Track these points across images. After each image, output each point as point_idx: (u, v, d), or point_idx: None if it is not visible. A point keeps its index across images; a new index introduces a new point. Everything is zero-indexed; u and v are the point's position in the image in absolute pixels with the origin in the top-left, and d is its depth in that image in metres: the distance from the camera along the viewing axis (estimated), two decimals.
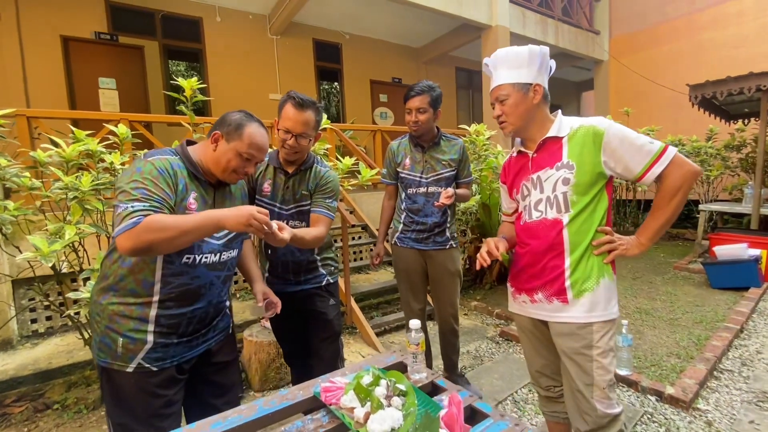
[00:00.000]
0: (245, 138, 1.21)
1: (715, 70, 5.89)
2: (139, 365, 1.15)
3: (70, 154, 2.20)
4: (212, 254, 1.22)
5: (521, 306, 1.44)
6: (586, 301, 1.26)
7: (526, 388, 2.38)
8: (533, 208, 1.35)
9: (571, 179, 1.26)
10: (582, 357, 1.27)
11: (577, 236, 1.27)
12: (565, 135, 1.29)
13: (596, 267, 1.27)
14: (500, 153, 4.14)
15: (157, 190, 1.08)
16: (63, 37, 5.30)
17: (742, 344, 2.86)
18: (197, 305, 1.22)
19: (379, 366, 1.18)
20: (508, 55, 1.32)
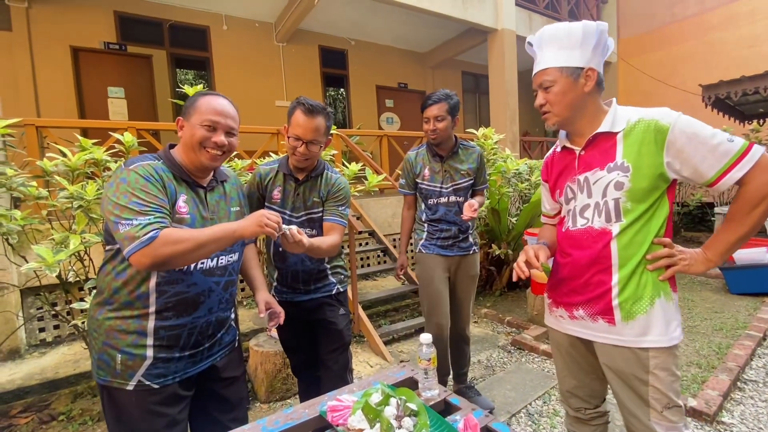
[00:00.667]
0: (200, 107, 1.15)
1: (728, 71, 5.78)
2: (139, 383, 1.09)
3: (75, 163, 2.20)
4: (208, 259, 1.16)
5: (558, 321, 1.28)
6: (638, 324, 1.08)
7: (541, 399, 2.29)
8: (578, 214, 1.17)
9: (625, 184, 1.07)
10: (635, 381, 1.11)
11: (629, 250, 1.09)
12: (620, 130, 1.10)
13: (650, 285, 1.08)
14: (508, 157, 4.08)
15: (151, 198, 1.03)
16: (73, 47, 5.38)
17: (765, 353, 2.75)
18: (197, 314, 1.16)
19: (389, 381, 1.13)
20: (558, 32, 1.12)
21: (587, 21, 1.10)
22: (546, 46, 1.14)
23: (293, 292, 1.70)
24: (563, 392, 1.38)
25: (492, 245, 3.99)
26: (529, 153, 8.12)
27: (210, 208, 1.20)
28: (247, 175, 2.84)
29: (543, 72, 1.14)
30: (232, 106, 1.22)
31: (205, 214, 1.18)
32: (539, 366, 2.69)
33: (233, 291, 1.31)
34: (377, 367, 2.79)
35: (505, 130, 6.86)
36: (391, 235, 5.06)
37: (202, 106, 1.16)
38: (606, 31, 1.12)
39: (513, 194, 4.15)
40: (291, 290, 1.70)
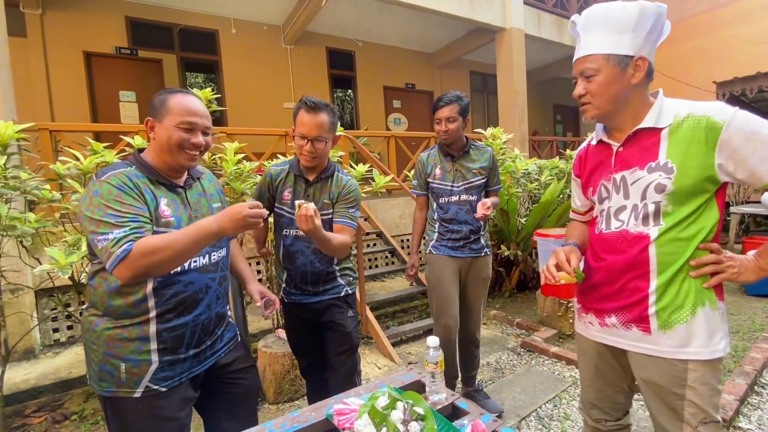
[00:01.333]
0: (173, 107, 1.11)
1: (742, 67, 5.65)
2: (146, 389, 1.08)
3: (87, 166, 2.23)
4: (200, 257, 1.17)
5: (586, 327, 1.21)
6: (677, 334, 1.00)
7: (551, 403, 2.26)
8: (613, 216, 1.08)
9: (667, 186, 0.97)
10: (670, 395, 1.04)
11: (669, 255, 1.00)
12: (665, 126, 0.99)
13: (693, 293, 1.00)
14: (517, 157, 4.04)
15: (126, 208, 1.01)
16: (86, 52, 5.47)
17: None
18: (198, 312, 1.16)
19: (396, 384, 1.12)
20: (609, 13, 0.99)
21: (644, 1, 0.98)
22: (592, 29, 1.02)
23: (302, 294, 1.70)
24: (584, 402, 1.31)
25: (501, 246, 3.96)
26: (538, 152, 8.04)
27: (192, 207, 1.19)
28: (256, 177, 2.86)
29: (586, 58, 1.02)
30: (202, 103, 1.19)
31: (190, 213, 1.17)
32: (549, 369, 2.66)
33: (227, 286, 1.31)
34: (385, 369, 2.78)
35: (513, 130, 6.80)
36: (398, 236, 5.04)
37: (175, 107, 1.12)
38: (665, 14, 0.99)
39: (522, 194, 4.11)
40: (300, 292, 1.70)
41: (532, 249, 3.96)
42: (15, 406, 2.42)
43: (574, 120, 12.10)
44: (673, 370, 1.02)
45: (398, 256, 4.35)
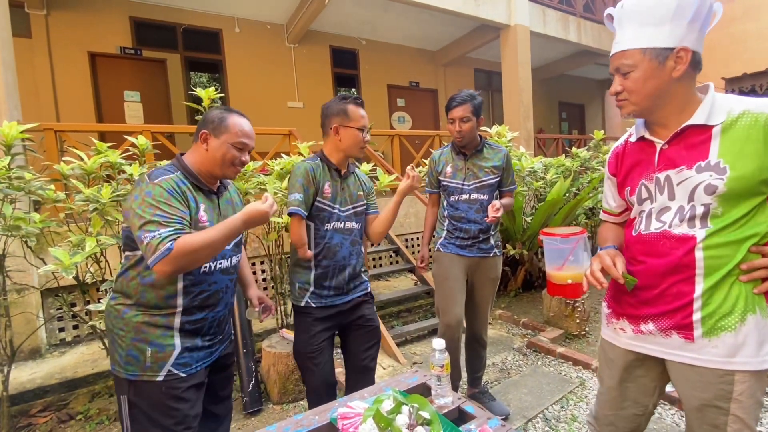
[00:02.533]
0: (232, 128, 1.24)
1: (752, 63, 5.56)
2: (169, 372, 1.18)
3: (91, 166, 2.23)
4: (225, 259, 1.29)
5: (616, 334, 1.14)
6: (724, 342, 0.93)
7: (558, 404, 2.23)
8: (655, 217, 1.02)
9: (719, 188, 0.90)
10: (713, 410, 0.97)
11: (718, 258, 0.93)
12: (717, 124, 0.92)
13: (743, 298, 0.93)
14: (523, 155, 4.00)
15: (173, 210, 1.12)
16: (90, 53, 5.49)
17: None
18: (218, 309, 1.30)
19: (401, 387, 1.10)
20: (643, 3, 0.93)
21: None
22: (627, 22, 0.96)
23: (336, 295, 1.65)
24: (599, 416, 1.23)
25: (507, 245, 3.92)
26: (543, 151, 7.97)
27: (222, 213, 1.30)
28: (259, 176, 2.85)
29: (621, 54, 0.96)
30: (251, 126, 1.34)
31: (219, 219, 1.27)
32: (556, 369, 2.62)
33: (237, 286, 1.48)
34: (390, 369, 2.77)
35: (518, 128, 6.74)
36: (402, 236, 5.02)
37: (234, 128, 1.25)
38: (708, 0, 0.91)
39: (528, 193, 4.06)
40: (334, 293, 1.65)
41: (537, 248, 3.92)
42: (21, 406, 2.43)
43: (580, 118, 12.00)
44: (718, 382, 0.95)
45: (402, 256, 4.32)
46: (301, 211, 1.54)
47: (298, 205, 1.54)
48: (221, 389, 1.44)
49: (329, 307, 1.64)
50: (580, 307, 3.09)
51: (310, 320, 1.63)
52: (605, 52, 8.54)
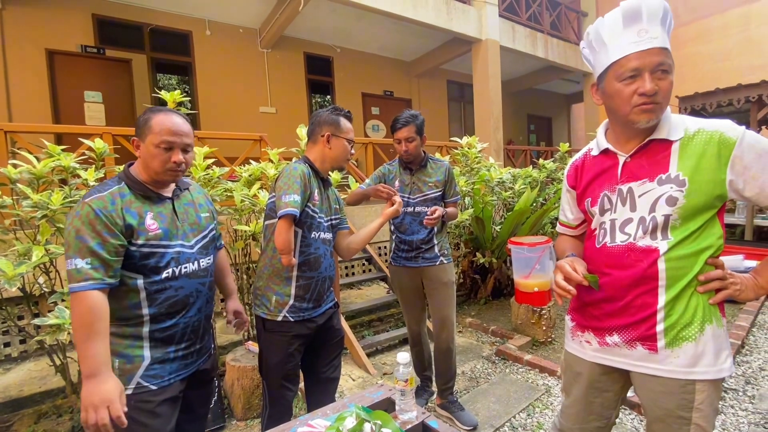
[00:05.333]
0: (154, 127, 1.17)
1: (702, 83, 5.96)
2: (138, 385, 1.14)
3: (41, 170, 2.09)
4: (190, 263, 1.24)
5: (581, 347, 1.15)
6: (686, 353, 0.97)
7: (525, 412, 2.26)
8: (617, 229, 1.04)
9: (679, 199, 0.94)
10: (675, 420, 0.99)
11: (679, 269, 0.96)
12: (677, 139, 0.96)
13: (701, 309, 0.96)
14: (492, 166, 4.09)
15: (95, 240, 1.07)
16: (48, 50, 5.21)
17: (744, 361, 2.78)
18: (189, 314, 1.24)
19: (365, 403, 1.07)
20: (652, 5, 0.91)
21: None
22: (653, 18, 0.92)
23: (314, 308, 1.58)
24: (562, 426, 1.24)
25: (476, 253, 3.98)
26: (513, 161, 8.21)
27: (180, 217, 1.26)
28: (226, 183, 2.76)
29: (662, 52, 0.91)
30: (185, 121, 1.25)
31: (177, 224, 1.25)
32: (523, 377, 2.67)
33: (214, 291, 1.41)
34: (359, 381, 2.73)
35: (489, 139, 6.92)
36: (375, 244, 5.00)
37: (156, 127, 1.18)
38: None
39: (497, 202, 4.16)
40: (313, 305, 1.58)
41: (506, 257, 4.00)
42: None
43: (547, 130, 12.47)
44: (680, 392, 0.98)
45: (375, 264, 4.30)
46: (297, 213, 1.42)
47: (296, 207, 1.41)
48: (199, 406, 1.38)
49: (308, 320, 1.56)
50: (547, 314, 3.17)
51: (288, 337, 1.52)
52: (571, 68, 8.95)
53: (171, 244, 1.20)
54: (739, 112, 5.28)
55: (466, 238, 4.10)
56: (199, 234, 1.30)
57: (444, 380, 2.24)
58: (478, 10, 7.09)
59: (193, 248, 1.26)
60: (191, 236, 1.27)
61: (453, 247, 4.14)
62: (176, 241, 1.22)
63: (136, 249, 1.14)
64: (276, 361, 1.53)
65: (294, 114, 7.03)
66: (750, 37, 7.40)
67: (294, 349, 1.53)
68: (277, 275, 1.54)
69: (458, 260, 4.20)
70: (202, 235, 1.32)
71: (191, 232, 1.28)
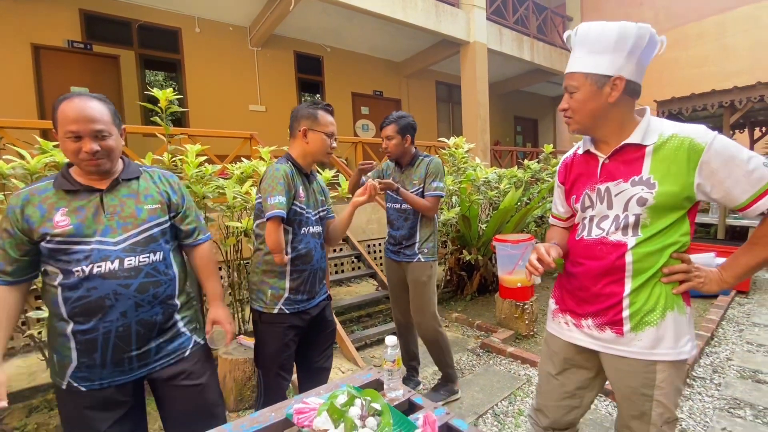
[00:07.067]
0: (59, 117, 1.10)
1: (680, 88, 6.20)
2: (69, 384, 1.14)
3: (34, 166, 2.11)
4: (107, 262, 1.13)
5: (560, 328, 1.25)
6: (648, 336, 1.06)
7: (507, 400, 2.37)
8: (595, 224, 1.14)
9: (649, 200, 1.02)
10: (639, 397, 1.09)
11: (644, 262, 1.06)
12: (650, 144, 1.04)
13: (663, 297, 1.06)
14: (478, 166, 4.21)
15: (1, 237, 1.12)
16: (34, 45, 5.15)
17: (712, 351, 2.95)
18: (108, 318, 1.12)
19: (356, 384, 1.16)
20: (590, 34, 1.04)
21: (627, 23, 1.02)
22: (577, 47, 1.08)
23: (308, 299, 1.65)
24: (539, 405, 1.34)
25: (463, 251, 4.09)
26: (499, 162, 8.37)
27: (108, 210, 1.17)
28: (218, 180, 2.81)
29: (569, 76, 1.09)
30: (98, 104, 1.15)
31: (102, 218, 1.16)
32: (506, 368, 2.78)
33: (160, 292, 1.22)
34: (349, 373, 2.80)
35: (476, 140, 7.06)
36: (364, 242, 5.08)
37: (60, 116, 1.10)
38: (647, 36, 1.02)
39: (483, 201, 4.27)
40: (308, 297, 1.65)
41: (492, 254, 4.13)
42: None
43: (533, 131, 12.71)
44: (644, 372, 1.08)
45: (364, 261, 4.38)
46: (284, 214, 1.48)
47: (282, 208, 1.47)
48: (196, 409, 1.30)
49: (302, 312, 1.63)
50: (529, 309, 3.29)
51: (282, 328, 1.59)
52: (557, 72, 9.16)
53: (84, 240, 1.12)
54: (714, 117, 5.51)
55: (453, 236, 4.21)
56: (133, 229, 1.19)
57: (440, 366, 2.38)
58: (466, 13, 7.22)
59: (117, 245, 1.15)
60: (119, 232, 1.16)
61: (440, 244, 4.24)
62: (93, 238, 1.13)
63: (45, 245, 1.10)
64: (272, 351, 1.59)
65: (284, 112, 7.01)
66: (725, 44, 7.70)
67: (289, 340, 1.60)
68: (271, 270, 1.59)
69: (445, 257, 4.31)
70: (138, 230, 1.20)
71: (120, 227, 1.17)
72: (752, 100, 4.46)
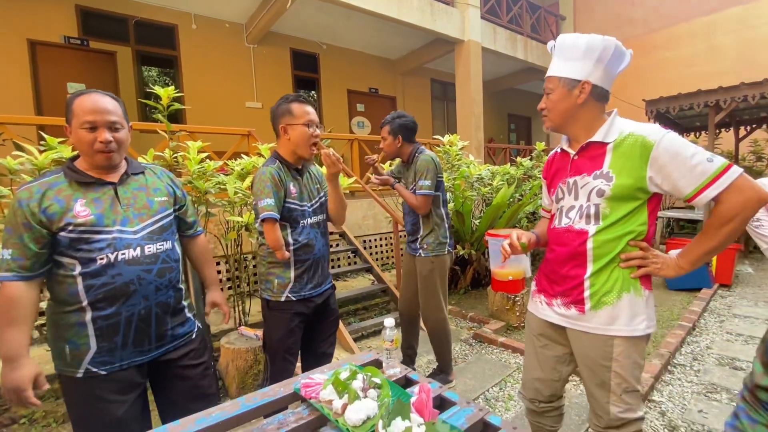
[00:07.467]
0: (75, 110, 1.17)
1: (671, 87, 6.34)
2: (87, 370, 1.17)
3: (42, 161, 2.18)
4: (130, 249, 1.20)
5: (536, 306, 1.40)
6: (605, 314, 1.19)
7: (497, 386, 2.49)
8: (564, 213, 1.28)
9: (606, 191, 1.16)
10: (599, 367, 1.22)
11: (603, 248, 1.18)
12: (611, 141, 1.17)
13: (620, 281, 1.18)
14: (471, 163, 4.31)
15: (16, 231, 1.12)
16: (30, 41, 5.16)
17: (693, 341, 3.09)
18: (132, 302, 1.20)
19: (357, 362, 1.25)
20: (565, 44, 1.20)
21: (595, 36, 1.16)
22: (555, 55, 1.24)
23: (313, 287, 1.73)
24: (525, 379, 1.48)
25: (456, 246, 4.20)
26: (493, 159, 8.49)
27: (123, 202, 1.24)
28: (219, 176, 2.88)
29: (548, 79, 1.24)
30: (111, 99, 1.23)
31: (119, 209, 1.22)
32: (497, 357, 2.90)
33: (173, 277, 1.32)
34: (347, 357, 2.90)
35: (470, 137, 7.17)
36: (361, 237, 5.18)
37: (76, 109, 1.17)
38: (612, 47, 1.15)
39: (476, 198, 4.38)
40: (313, 285, 1.72)
41: (485, 249, 4.24)
42: None
43: (527, 129, 12.85)
44: (602, 345, 1.21)
45: (361, 256, 4.47)
46: (275, 215, 1.56)
47: (272, 209, 1.56)
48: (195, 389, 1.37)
49: (308, 299, 1.71)
50: (520, 301, 3.41)
51: (289, 315, 1.68)
52: None
53: (106, 229, 1.18)
54: (700, 116, 5.67)
55: None
56: (148, 219, 1.27)
57: (437, 355, 2.50)
58: (461, 11, 7.31)
59: (136, 234, 1.23)
60: (136, 222, 1.24)
61: None
62: (114, 227, 1.19)
63: (65, 235, 1.14)
64: (279, 336, 1.69)
65: None
66: (714, 44, 7.87)
67: (295, 326, 1.69)
68: (277, 262, 1.69)
69: None
70: (152, 220, 1.28)
71: (137, 218, 1.25)
72: (736, 100, 4.61)
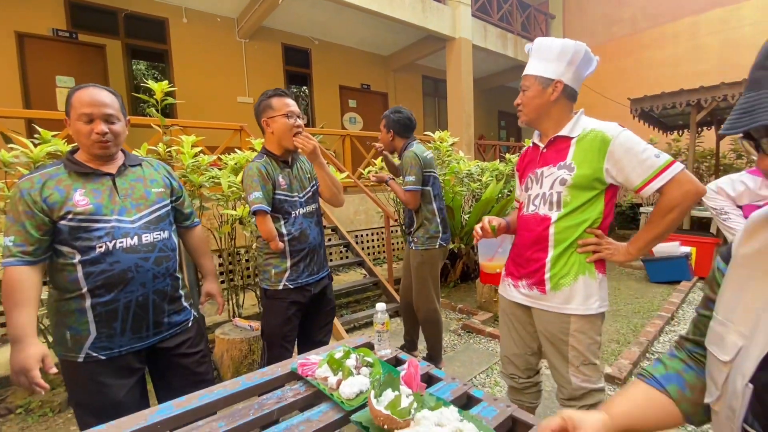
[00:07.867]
0: (74, 102, 1.23)
1: (656, 86, 6.50)
2: (87, 355, 1.22)
3: (37, 154, 2.20)
4: (127, 238, 1.26)
5: (506, 289, 1.51)
6: (563, 294, 1.31)
7: (484, 373, 2.59)
8: (531, 201, 1.39)
9: (568, 180, 1.28)
10: (558, 341, 1.34)
11: (563, 234, 1.30)
12: (575, 136, 1.30)
13: (576, 265, 1.30)
14: (461, 159, 4.40)
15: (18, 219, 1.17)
16: (18, 33, 5.09)
17: (672, 330, 3.23)
18: (129, 289, 1.25)
19: (350, 345, 1.33)
20: (541, 46, 1.32)
21: (568, 40, 1.29)
22: (532, 55, 1.35)
23: (310, 275, 1.79)
24: (503, 357, 1.60)
25: None
26: (483, 156, 8.60)
27: (121, 192, 1.30)
28: (212, 170, 2.92)
29: (524, 77, 1.36)
30: (108, 93, 1.28)
31: (117, 199, 1.28)
32: (485, 346, 3.00)
33: (171, 266, 1.38)
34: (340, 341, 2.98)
35: (461, 134, 7.26)
36: (353, 232, 5.24)
37: (75, 102, 1.23)
38: (582, 51, 1.28)
39: (466, 193, 4.48)
40: (309, 273, 1.78)
41: (473, 243, 4.34)
42: None
43: (516, 126, 12.99)
44: (560, 322, 1.34)
45: (352, 251, 4.54)
46: (265, 207, 1.62)
47: (261, 202, 1.62)
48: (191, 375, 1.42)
49: (304, 287, 1.77)
50: None
51: (286, 303, 1.74)
52: None
53: (104, 218, 1.23)
54: (683, 114, 5.83)
55: None
56: (145, 209, 1.33)
57: (427, 345, 2.62)
58: (452, 9, 7.38)
59: (134, 223, 1.28)
60: (134, 211, 1.29)
61: None
62: (112, 216, 1.24)
63: (65, 224, 1.19)
64: (276, 324, 1.76)
65: None
66: (698, 44, 8.05)
67: (292, 314, 1.76)
68: (273, 252, 1.76)
69: None
70: (149, 210, 1.34)
71: (134, 208, 1.30)
72: (717, 99, 4.76)
